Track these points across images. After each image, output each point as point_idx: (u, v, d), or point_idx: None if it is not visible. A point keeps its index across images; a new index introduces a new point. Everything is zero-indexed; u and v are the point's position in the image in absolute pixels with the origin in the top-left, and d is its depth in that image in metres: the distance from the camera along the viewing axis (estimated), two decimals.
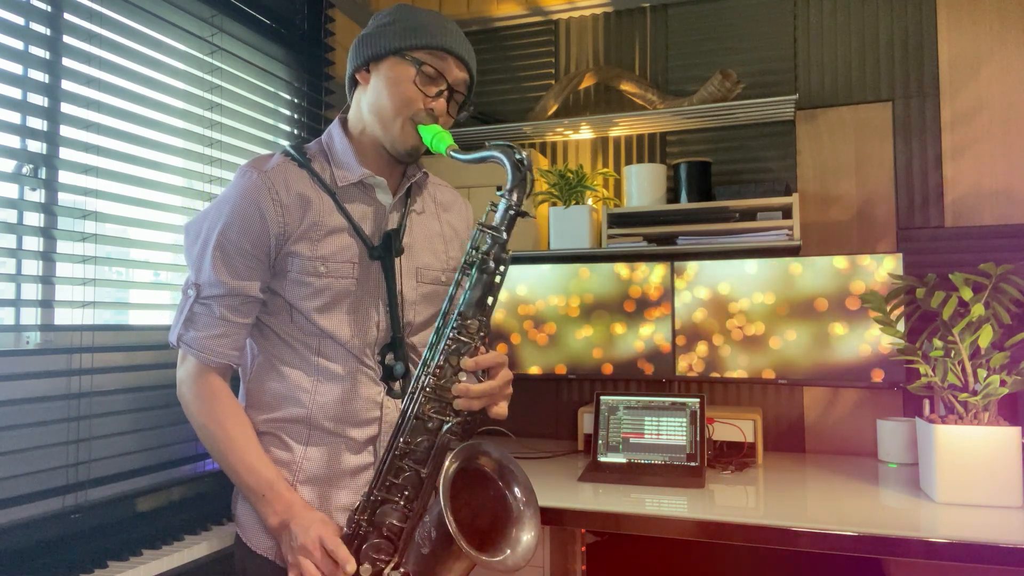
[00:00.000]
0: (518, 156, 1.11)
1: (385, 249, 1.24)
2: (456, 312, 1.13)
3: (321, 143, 1.29)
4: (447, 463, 1.06)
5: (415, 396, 1.12)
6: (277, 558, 1.21)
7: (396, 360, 1.25)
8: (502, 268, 1.13)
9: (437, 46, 1.20)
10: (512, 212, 1.12)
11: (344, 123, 1.30)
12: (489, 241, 1.13)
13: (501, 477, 1.13)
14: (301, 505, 1.16)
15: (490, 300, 1.14)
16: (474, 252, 1.14)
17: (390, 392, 1.25)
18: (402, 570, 1.09)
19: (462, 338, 1.13)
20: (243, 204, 1.18)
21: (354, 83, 1.28)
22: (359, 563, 1.09)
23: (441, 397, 1.12)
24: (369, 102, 1.24)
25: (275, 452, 1.22)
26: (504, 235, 1.12)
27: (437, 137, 1.17)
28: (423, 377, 1.13)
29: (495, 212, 1.13)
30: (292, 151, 1.26)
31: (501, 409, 1.17)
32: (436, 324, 1.15)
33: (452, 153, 1.15)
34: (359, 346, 1.23)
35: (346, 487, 1.23)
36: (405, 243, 1.28)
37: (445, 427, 1.11)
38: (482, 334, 1.14)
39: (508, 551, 1.08)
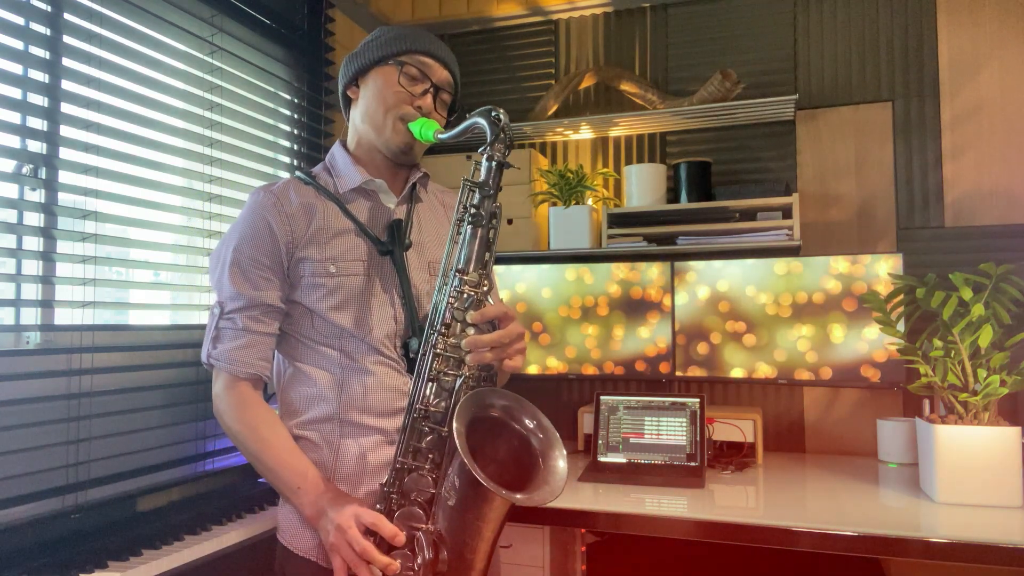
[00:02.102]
0: (494, 114, 1.14)
1: (393, 243, 1.28)
2: (454, 269, 1.14)
3: (325, 164, 1.37)
4: (456, 409, 1.04)
5: (426, 356, 1.13)
6: (319, 559, 1.21)
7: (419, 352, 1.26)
8: (494, 221, 1.15)
9: (416, 49, 1.27)
10: (496, 163, 1.14)
11: (344, 143, 1.37)
12: (478, 195, 1.14)
13: (516, 421, 1.10)
14: (336, 492, 1.17)
15: (487, 255, 1.14)
16: (463, 209, 1.15)
17: None
18: (433, 528, 1.07)
19: (465, 292, 1.12)
20: (253, 220, 1.24)
21: (347, 103, 1.36)
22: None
23: (453, 355, 1.12)
24: (361, 112, 1.31)
25: (310, 455, 1.23)
26: (491, 189, 1.14)
27: (424, 127, 1.22)
28: (432, 336, 1.13)
29: (480, 170, 1.15)
30: (300, 174, 1.33)
31: (516, 362, 1.17)
32: (437, 284, 1.16)
33: (439, 136, 1.21)
34: (379, 338, 1.25)
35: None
36: (415, 240, 1.32)
37: (458, 382, 1.11)
38: (485, 287, 1.13)
39: (536, 490, 1.05)
